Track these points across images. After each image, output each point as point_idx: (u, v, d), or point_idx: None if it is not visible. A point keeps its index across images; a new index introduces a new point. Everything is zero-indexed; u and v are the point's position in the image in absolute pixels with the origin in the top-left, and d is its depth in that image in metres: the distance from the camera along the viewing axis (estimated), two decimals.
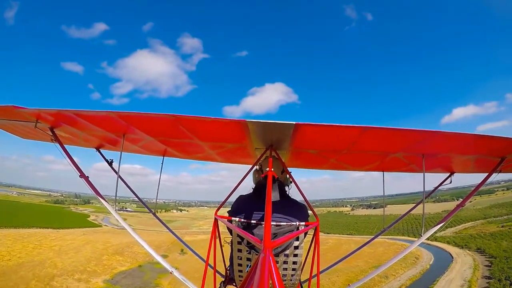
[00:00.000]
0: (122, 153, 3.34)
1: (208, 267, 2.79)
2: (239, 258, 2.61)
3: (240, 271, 2.65)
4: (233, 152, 3.52)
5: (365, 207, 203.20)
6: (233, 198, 2.84)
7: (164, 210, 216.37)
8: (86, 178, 3.26)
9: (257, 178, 2.95)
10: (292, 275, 2.63)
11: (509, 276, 54.02)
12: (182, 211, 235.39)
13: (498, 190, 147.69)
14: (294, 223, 2.51)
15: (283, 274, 2.60)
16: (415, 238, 3.50)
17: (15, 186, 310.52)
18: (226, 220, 2.59)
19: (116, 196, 3.27)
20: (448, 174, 3.92)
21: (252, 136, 2.54)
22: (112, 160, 3.80)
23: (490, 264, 62.20)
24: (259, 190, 2.75)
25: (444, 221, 3.38)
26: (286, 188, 2.92)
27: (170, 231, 4.67)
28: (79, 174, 3.24)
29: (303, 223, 2.53)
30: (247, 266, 2.58)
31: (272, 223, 2.34)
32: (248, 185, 2.98)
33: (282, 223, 2.49)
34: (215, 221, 2.66)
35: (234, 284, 2.98)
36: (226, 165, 4.77)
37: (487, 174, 3.19)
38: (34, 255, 66.70)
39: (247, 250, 2.53)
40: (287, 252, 2.53)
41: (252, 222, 2.53)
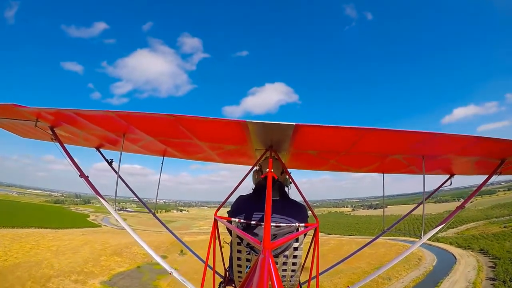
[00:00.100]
0: (122, 153, 3.35)
1: (207, 268, 2.80)
2: (239, 259, 2.61)
3: (239, 272, 2.66)
4: (233, 152, 3.52)
5: (366, 208, 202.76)
6: (233, 199, 2.85)
7: (164, 210, 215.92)
8: (86, 178, 3.27)
9: (256, 178, 2.96)
10: (291, 276, 2.63)
11: None
12: (183, 211, 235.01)
13: (499, 191, 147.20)
14: (294, 224, 2.52)
15: (283, 275, 2.60)
16: (416, 239, 3.51)
17: (16, 186, 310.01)
18: (226, 221, 2.59)
19: (116, 196, 3.28)
20: (448, 176, 3.93)
21: (252, 136, 2.55)
22: (112, 160, 3.81)
23: (494, 265, 61.30)
24: (259, 190, 2.77)
25: (444, 222, 3.38)
26: (286, 189, 2.93)
27: (170, 232, 4.68)
28: (79, 174, 3.24)
29: (303, 224, 2.53)
30: (247, 267, 2.59)
31: (271, 224, 2.35)
32: (248, 185, 2.99)
33: (281, 224, 2.50)
34: (215, 221, 2.67)
35: (233, 285, 2.98)
36: (226, 165, 4.80)
37: (487, 176, 3.19)
38: (31, 256, 66.14)
39: (247, 251, 2.53)
40: (287, 253, 2.54)
41: (251, 223, 2.53)
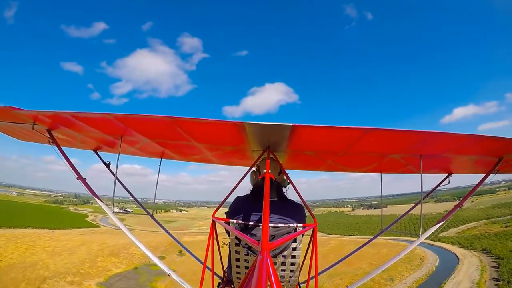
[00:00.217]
0: (122, 153, 3.37)
1: (206, 269, 2.83)
2: (237, 260, 2.63)
3: (238, 273, 2.68)
4: (230, 154, 3.54)
5: (365, 207, 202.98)
6: (231, 199, 2.86)
7: (163, 211, 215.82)
8: (84, 180, 3.29)
9: (254, 179, 2.98)
10: (290, 277, 2.65)
11: None
12: (182, 211, 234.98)
13: (499, 190, 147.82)
14: (292, 225, 2.53)
15: (281, 276, 2.62)
16: (415, 239, 3.55)
17: (15, 186, 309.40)
18: (224, 222, 2.61)
19: (113, 197, 3.30)
20: (446, 174, 3.96)
21: (249, 137, 2.57)
22: (109, 162, 3.84)
23: (497, 265, 60.78)
24: (257, 191, 2.80)
25: (442, 221, 3.41)
26: (284, 189, 2.96)
27: (168, 234, 4.70)
28: (77, 176, 3.26)
29: (301, 225, 2.55)
30: (245, 268, 2.61)
31: (269, 225, 2.37)
32: (247, 186, 3.02)
33: (280, 225, 2.52)
34: (213, 222, 2.69)
35: (232, 286, 3.00)
36: (225, 165, 4.82)
37: (485, 174, 3.22)
38: (26, 256, 65.33)
39: (245, 252, 2.54)
40: (285, 253, 2.56)
41: (249, 223, 2.56)
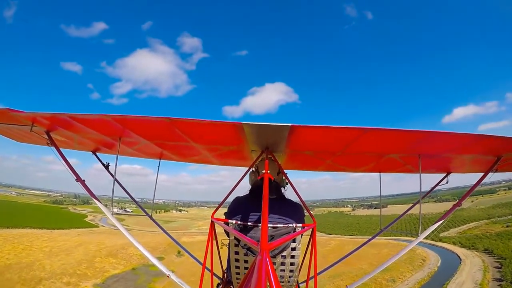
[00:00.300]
0: (120, 154, 3.37)
1: (205, 270, 2.84)
2: (237, 260, 2.63)
3: (237, 274, 2.68)
4: (229, 154, 3.56)
5: (366, 207, 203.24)
6: (230, 200, 2.87)
7: (163, 211, 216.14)
8: (82, 182, 3.30)
9: (253, 179, 2.99)
10: (289, 277, 2.66)
11: None
12: (182, 211, 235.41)
13: (499, 190, 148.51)
14: (291, 225, 2.55)
15: (281, 276, 2.63)
16: (413, 238, 3.57)
17: (15, 187, 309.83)
18: (223, 222, 2.62)
19: (112, 198, 3.31)
20: (444, 174, 3.98)
21: (248, 138, 2.58)
22: (108, 163, 3.86)
23: (500, 265, 60.52)
24: (255, 191, 2.80)
25: (441, 220, 3.41)
26: (282, 189, 2.97)
27: (167, 234, 4.70)
28: (75, 178, 3.27)
29: (300, 225, 2.57)
30: (245, 268, 2.62)
31: (269, 225, 2.39)
32: (246, 186, 3.03)
33: (279, 225, 2.53)
34: (212, 223, 2.70)
35: (231, 286, 3.00)
36: (225, 166, 4.85)
37: (483, 173, 3.24)
38: (23, 257, 64.92)
39: (244, 252, 2.55)
40: (285, 253, 2.57)
41: (248, 224, 2.57)
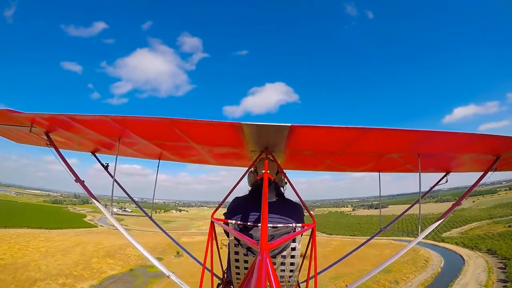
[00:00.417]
0: (120, 155, 3.37)
1: (205, 270, 2.85)
2: (237, 260, 2.64)
3: (237, 274, 2.69)
4: (228, 154, 3.57)
5: (366, 207, 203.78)
6: (230, 200, 2.89)
7: (163, 211, 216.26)
8: (82, 183, 3.31)
9: (252, 179, 3.01)
10: (289, 277, 2.67)
11: None
12: (182, 211, 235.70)
13: (500, 190, 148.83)
14: (291, 225, 2.56)
15: (281, 276, 2.64)
16: (412, 238, 3.59)
17: (15, 186, 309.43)
18: (223, 222, 2.63)
19: (112, 199, 3.32)
20: (444, 173, 3.98)
21: (247, 138, 2.59)
22: (107, 164, 3.87)
23: (504, 266, 59.97)
24: (255, 191, 2.83)
25: (440, 219, 3.42)
26: (282, 189, 2.98)
27: (167, 235, 4.72)
28: (75, 179, 3.28)
29: (300, 225, 2.58)
30: (245, 268, 2.63)
31: (268, 225, 2.41)
32: (246, 186, 3.05)
33: (278, 225, 2.54)
34: (212, 223, 2.72)
35: (231, 286, 3.01)
36: (224, 166, 4.87)
37: (483, 172, 3.24)
38: (18, 257, 64.23)
39: (244, 252, 2.57)
40: (284, 253, 2.58)
41: (248, 224, 2.58)
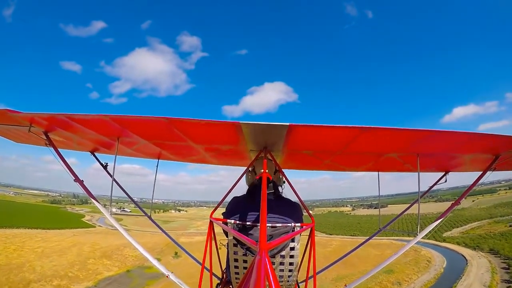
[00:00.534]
0: (119, 155, 3.39)
1: (204, 270, 2.88)
2: (236, 260, 2.65)
3: (236, 273, 2.70)
4: (227, 154, 3.59)
5: (365, 207, 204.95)
6: (229, 199, 2.91)
7: (162, 211, 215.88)
8: (81, 182, 3.32)
9: (250, 179, 3.02)
10: (288, 276, 2.68)
11: None
12: (181, 211, 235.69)
13: (500, 189, 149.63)
14: (290, 224, 2.57)
15: (280, 276, 2.65)
16: (411, 238, 3.61)
17: (14, 186, 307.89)
18: (222, 222, 2.65)
19: (111, 199, 3.33)
20: (443, 173, 4.00)
21: (246, 138, 2.61)
22: (107, 163, 3.88)
23: (507, 266, 60.11)
24: (253, 191, 2.85)
25: (439, 219, 3.44)
26: (280, 188, 2.99)
27: (166, 235, 4.74)
28: (74, 178, 3.29)
29: (299, 224, 2.59)
30: (244, 268, 2.65)
31: (267, 225, 2.42)
32: (245, 185, 3.06)
33: (277, 224, 2.55)
34: (211, 223, 2.73)
35: (230, 286, 3.03)
36: (224, 165, 4.90)
37: (482, 172, 3.26)
38: (13, 258, 63.50)
39: (243, 252, 2.58)
40: (283, 253, 2.59)
41: (247, 223, 2.60)
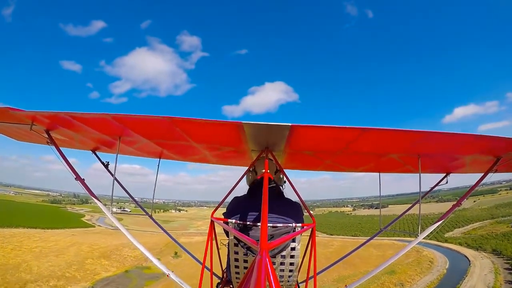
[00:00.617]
0: (120, 154, 3.39)
1: (204, 269, 2.88)
2: (236, 260, 2.66)
3: (237, 273, 2.71)
4: (229, 154, 3.59)
5: (366, 207, 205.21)
6: (230, 199, 2.91)
7: (162, 210, 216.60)
8: (82, 181, 3.33)
9: (250, 179, 3.03)
10: (289, 277, 2.68)
11: None
12: (181, 211, 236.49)
13: (501, 190, 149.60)
14: (291, 224, 2.57)
15: (280, 276, 2.66)
16: (412, 238, 3.62)
17: (14, 186, 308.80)
18: (223, 222, 2.65)
19: (112, 198, 3.35)
20: (444, 174, 4.02)
21: (248, 138, 2.62)
22: (108, 162, 3.89)
23: (510, 267, 59.78)
24: (254, 191, 2.84)
25: (440, 220, 3.45)
26: (281, 188, 3.00)
27: (167, 234, 4.76)
28: (75, 177, 3.30)
29: (299, 224, 2.59)
30: (244, 268, 2.66)
31: (268, 225, 2.42)
32: (246, 185, 3.06)
33: (278, 224, 2.56)
34: (212, 223, 2.74)
35: (231, 286, 3.04)
36: (225, 165, 4.91)
37: (483, 174, 3.26)
38: (10, 258, 62.92)
39: (244, 252, 2.59)
40: (284, 253, 2.60)
41: (248, 223, 2.61)
